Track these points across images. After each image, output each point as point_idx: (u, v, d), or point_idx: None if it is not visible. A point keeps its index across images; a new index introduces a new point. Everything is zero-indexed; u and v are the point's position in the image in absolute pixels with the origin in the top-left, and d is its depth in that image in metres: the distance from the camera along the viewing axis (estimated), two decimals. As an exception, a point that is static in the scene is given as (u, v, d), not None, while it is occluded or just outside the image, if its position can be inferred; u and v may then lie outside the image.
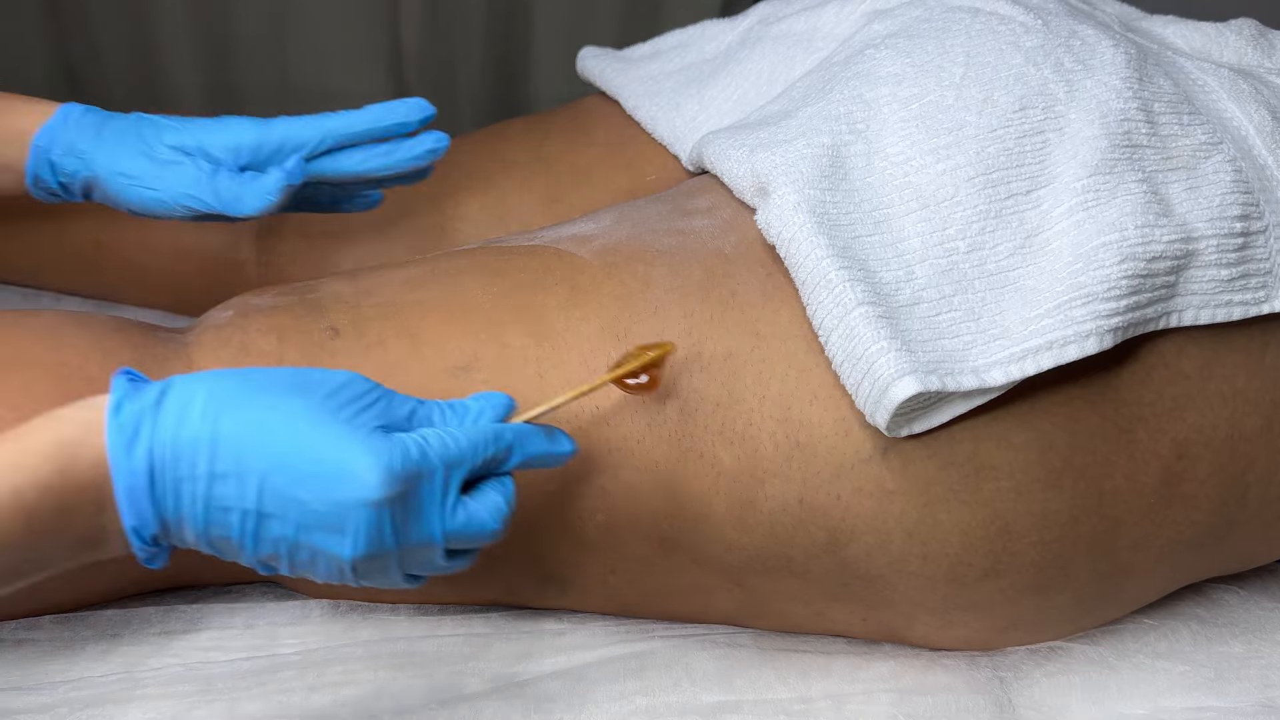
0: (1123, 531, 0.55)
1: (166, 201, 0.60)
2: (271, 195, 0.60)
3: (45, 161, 0.61)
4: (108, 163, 0.60)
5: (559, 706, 0.56)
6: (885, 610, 0.57)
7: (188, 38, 1.06)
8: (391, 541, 0.44)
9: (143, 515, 0.43)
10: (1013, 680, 0.59)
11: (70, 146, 0.60)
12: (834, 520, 0.53)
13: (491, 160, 0.78)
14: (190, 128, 0.61)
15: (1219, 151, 0.57)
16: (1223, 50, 0.69)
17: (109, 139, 0.61)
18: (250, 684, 0.56)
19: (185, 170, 0.60)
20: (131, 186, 0.60)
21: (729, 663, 0.59)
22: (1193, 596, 0.66)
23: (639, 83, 0.78)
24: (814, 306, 0.52)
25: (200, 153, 0.60)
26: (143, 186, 0.60)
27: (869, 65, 0.61)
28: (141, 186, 0.60)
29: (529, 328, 0.57)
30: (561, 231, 0.64)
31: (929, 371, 0.49)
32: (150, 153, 0.60)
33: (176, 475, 0.43)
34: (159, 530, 0.43)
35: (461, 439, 0.46)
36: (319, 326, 0.59)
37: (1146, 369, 0.55)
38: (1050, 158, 0.56)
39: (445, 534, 0.45)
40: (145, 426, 0.43)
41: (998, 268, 0.54)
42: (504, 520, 0.47)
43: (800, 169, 0.56)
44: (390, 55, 1.09)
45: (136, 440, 0.42)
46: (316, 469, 0.43)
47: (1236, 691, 0.59)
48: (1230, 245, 0.55)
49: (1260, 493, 0.58)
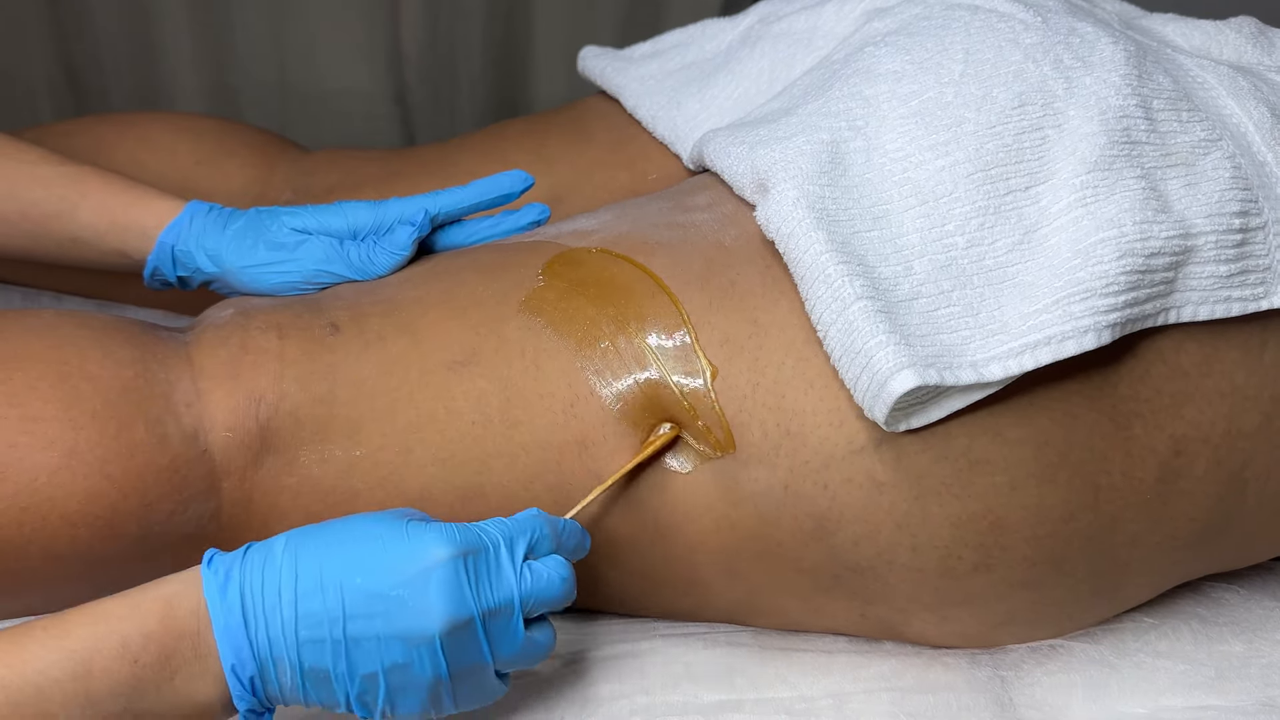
0: (1119, 528, 0.55)
1: (300, 279, 0.63)
2: (405, 249, 0.64)
3: (168, 256, 0.64)
4: (236, 259, 0.63)
5: (560, 705, 0.56)
6: (881, 605, 0.57)
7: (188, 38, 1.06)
8: (472, 603, 0.46)
9: (239, 652, 0.45)
10: (1013, 679, 0.59)
11: (199, 244, 0.64)
12: (820, 508, 0.54)
13: (491, 160, 0.78)
14: (308, 213, 0.65)
15: (1218, 148, 0.57)
16: (1222, 48, 0.69)
17: (233, 235, 0.64)
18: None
19: (315, 247, 0.63)
20: (265, 273, 0.63)
21: (730, 662, 0.59)
22: (1193, 595, 0.66)
23: (639, 82, 0.78)
24: (812, 301, 0.53)
25: (321, 232, 0.64)
26: (276, 271, 0.63)
27: (868, 63, 0.62)
28: (275, 271, 0.63)
29: (527, 320, 0.57)
30: (562, 228, 0.64)
31: (927, 365, 0.49)
32: (275, 239, 0.63)
33: (266, 606, 0.45)
34: (256, 671, 0.45)
35: (508, 522, 0.50)
36: (319, 323, 0.59)
37: (1145, 365, 0.55)
38: (1049, 154, 0.56)
39: (522, 597, 0.48)
40: (235, 570, 0.47)
41: (996, 263, 0.54)
42: (568, 583, 0.50)
43: (800, 165, 0.56)
44: (390, 55, 1.10)
45: (229, 583, 0.46)
46: (389, 556, 0.46)
47: (1237, 691, 0.59)
48: (1229, 241, 0.55)
49: (1258, 490, 0.58)
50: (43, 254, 0.66)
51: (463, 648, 0.47)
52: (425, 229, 0.64)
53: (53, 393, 0.54)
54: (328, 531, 0.48)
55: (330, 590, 0.46)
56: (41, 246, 0.65)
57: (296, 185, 0.81)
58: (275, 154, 0.84)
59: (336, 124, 1.12)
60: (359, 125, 1.13)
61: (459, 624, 0.46)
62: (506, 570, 0.48)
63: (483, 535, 0.48)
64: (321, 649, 0.46)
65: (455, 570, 0.46)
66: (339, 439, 0.57)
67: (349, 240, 0.64)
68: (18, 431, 0.53)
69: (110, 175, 0.66)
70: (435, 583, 0.46)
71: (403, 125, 1.14)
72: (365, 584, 0.46)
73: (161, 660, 0.44)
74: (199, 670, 0.45)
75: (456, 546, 0.47)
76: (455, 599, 0.46)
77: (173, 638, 0.45)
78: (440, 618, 0.46)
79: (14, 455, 0.52)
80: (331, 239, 0.64)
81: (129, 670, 0.44)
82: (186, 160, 0.81)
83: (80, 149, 0.78)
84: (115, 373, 0.55)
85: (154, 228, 0.64)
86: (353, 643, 0.46)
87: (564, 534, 0.52)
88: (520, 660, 0.49)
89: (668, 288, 0.57)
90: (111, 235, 0.64)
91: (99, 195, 0.64)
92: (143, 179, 0.70)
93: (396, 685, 0.47)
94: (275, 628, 0.45)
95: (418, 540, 0.47)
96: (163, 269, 0.65)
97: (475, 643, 0.47)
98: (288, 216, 0.64)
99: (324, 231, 0.64)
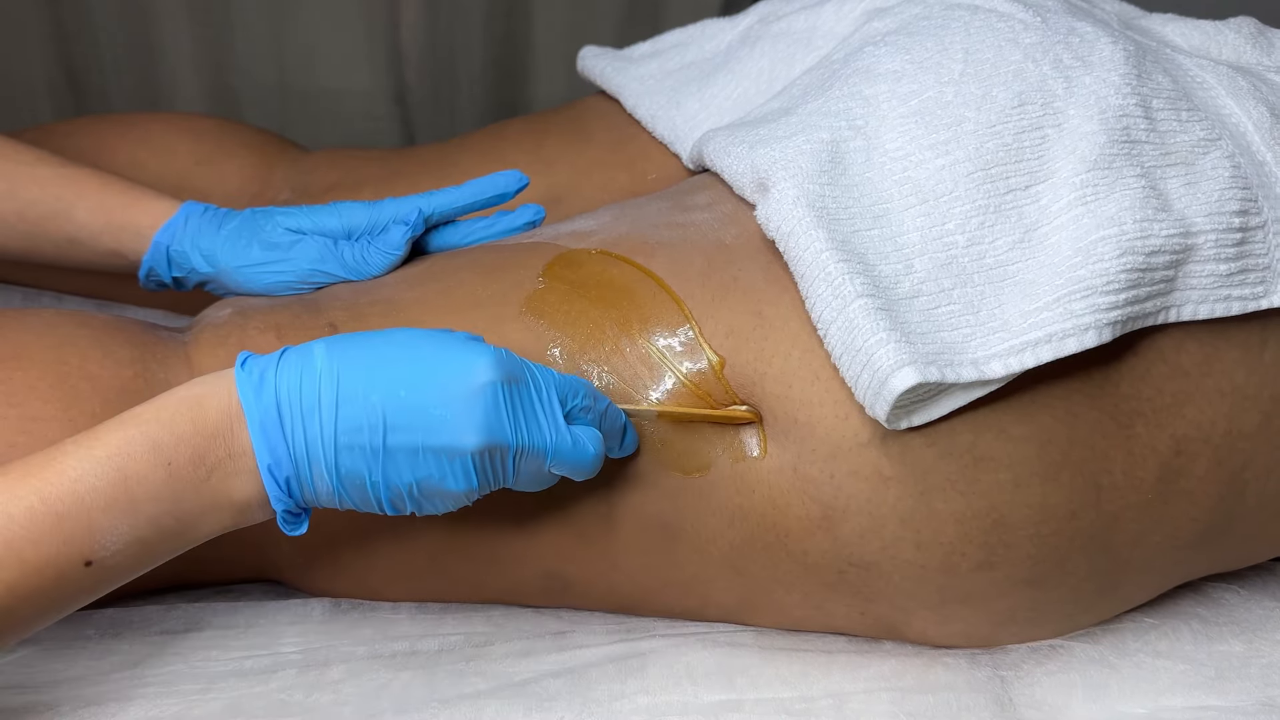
0: (1120, 527, 0.55)
1: (294, 279, 0.63)
2: (399, 249, 0.64)
3: (164, 257, 0.65)
4: (231, 258, 0.63)
5: (560, 705, 0.56)
6: (882, 603, 0.57)
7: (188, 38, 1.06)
8: (510, 435, 0.47)
9: (275, 451, 0.45)
10: (1013, 679, 0.59)
11: (194, 244, 0.64)
12: (827, 495, 0.54)
13: (491, 160, 0.78)
14: (302, 212, 0.65)
15: (1217, 147, 0.57)
16: (1221, 48, 0.70)
17: (228, 235, 0.64)
18: (252, 683, 0.56)
19: (309, 247, 0.63)
20: (259, 273, 0.63)
21: (730, 661, 0.59)
22: (1193, 596, 0.66)
23: (639, 81, 0.78)
24: (813, 299, 0.53)
25: (315, 232, 0.64)
26: (270, 271, 0.63)
27: (868, 62, 0.62)
28: (269, 271, 0.63)
29: (529, 322, 0.57)
30: (561, 229, 0.64)
31: (928, 363, 0.49)
32: (270, 239, 0.64)
33: (304, 408, 0.46)
34: (291, 472, 0.46)
35: (557, 375, 0.50)
36: (317, 324, 0.59)
37: (1146, 364, 0.55)
38: (1049, 153, 0.56)
39: (555, 448, 0.49)
40: (270, 373, 0.46)
41: (996, 261, 0.54)
42: (598, 456, 0.50)
43: (800, 164, 0.56)
44: (390, 55, 1.10)
45: (264, 384, 0.46)
46: (434, 369, 0.46)
47: (1237, 691, 0.59)
48: (1228, 240, 0.55)
49: (1259, 489, 0.58)
50: (40, 255, 0.66)
51: (492, 470, 0.48)
52: (419, 229, 0.64)
53: (52, 393, 0.54)
54: (371, 341, 0.48)
55: (374, 399, 0.46)
56: (39, 247, 0.66)
57: (295, 185, 0.81)
58: (275, 154, 0.84)
59: (336, 124, 1.13)
60: (359, 125, 1.13)
61: (494, 448, 0.47)
62: (544, 416, 0.49)
63: (528, 370, 0.49)
64: (359, 456, 0.46)
65: (496, 396, 0.47)
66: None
67: (343, 240, 0.64)
68: (17, 431, 0.53)
69: (108, 176, 0.66)
70: (479, 406, 0.46)
71: (403, 125, 1.14)
72: (409, 398, 0.46)
73: (195, 461, 0.45)
74: (233, 469, 0.46)
75: (503, 371, 0.47)
76: (494, 424, 0.47)
77: (204, 438, 0.45)
78: (477, 439, 0.46)
79: (13, 455, 0.52)
80: (325, 239, 0.64)
81: (163, 474, 0.44)
82: (186, 160, 0.81)
83: (80, 149, 0.78)
84: (115, 373, 0.55)
85: (149, 228, 0.64)
86: (389, 453, 0.46)
87: (609, 414, 0.52)
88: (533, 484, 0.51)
89: (668, 286, 0.57)
90: (107, 235, 0.65)
91: (96, 196, 0.64)
92: (142, 179, 0.70)
93: (427, 494, 0.48)
94: (314, 430, 0.46)
95: (465, 359, 0.47)
96: (158, 269, 0.65)
97: (504, 469, 0.48)
98: (282, 216, 0.65)
99: (318, 231, 0.64)
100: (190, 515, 0.45)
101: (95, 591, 0.46)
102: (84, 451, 0.44)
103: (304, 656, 0.58)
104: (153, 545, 0.45)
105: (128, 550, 0.45)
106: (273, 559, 0.61)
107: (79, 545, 0.43)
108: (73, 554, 0.43)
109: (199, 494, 0.45)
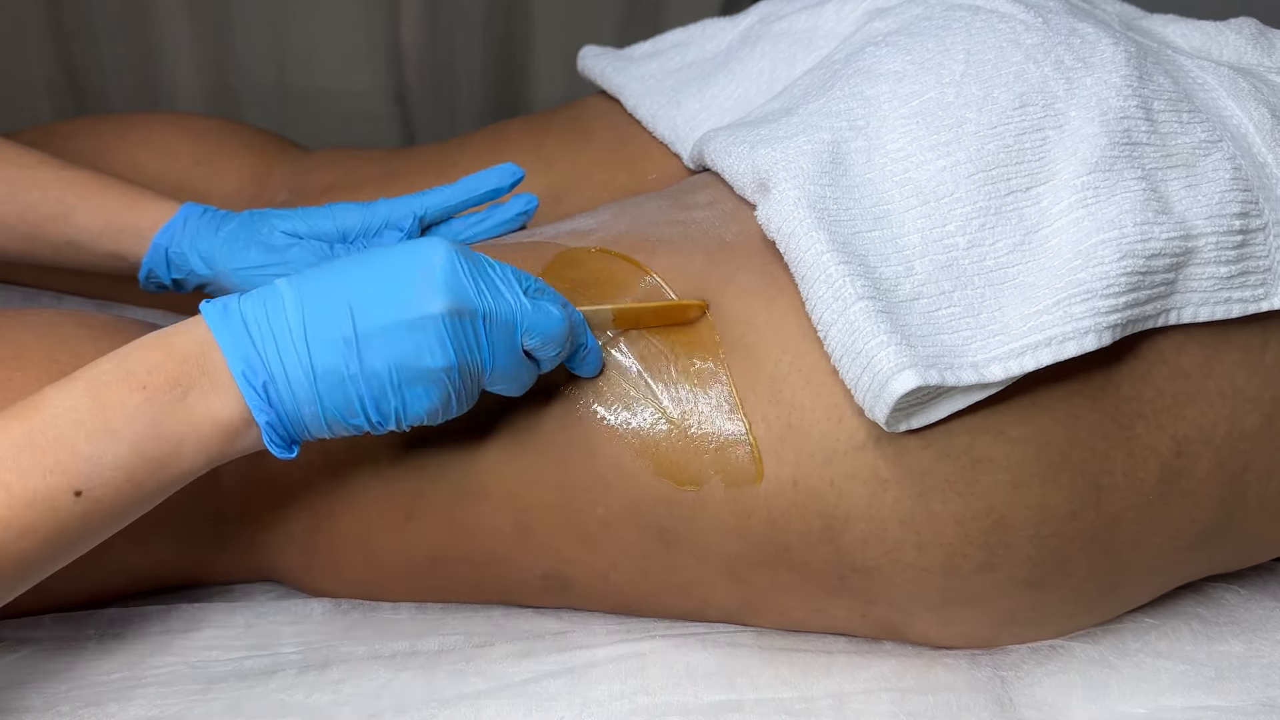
0: (1121, 528, 0.55)
1: None
2: None
3: (163, 259, 0.65)
4: (228, 261, 0.64)
5: (560, 705, 0.56)
6: (884, 605, 0.57)
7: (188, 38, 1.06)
8: (475, 299, 0.48)
9: (248, 359, 0.46)
10: (1014, 679, 0.59)
11: (192, 246, 0.64)
12: (829, 505, 0.53)
13: (491, 160, 0.78)
14: (298, 215, 0.65)
15: (1218, 149, 0.57)
16: (1222, 49, 0.69)
17: (226, 237, 0.64)
18: (251, 683, 0.56)
19: (305, 251, 0.64)
20: (256, 276, 0.63)
21: (730, 662, 0.59)
22: (1193, 596, 0.66)
23: (640, 81, 0.78)
24: (813, 301, 0.52)
25: (312, 235, 0.64)
26: (268, 274, 0.63)
27: (869, 62, 0.62)
28: (266, 274, 0.63)
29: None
30: (561, 227, 0.64)
31: (928, 366, 0.49)
32: (267, 241, 0.64)
33: (271, 316, 0.46)
34: (266, 376, 0.46)
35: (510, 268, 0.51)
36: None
37: (1146, 366, 0.55)
38: (1050, 155, 0.56)
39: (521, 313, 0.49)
40: (233, 303, 0.47)
41: (997, 264, 0.54)
42: (565, 319, 0.51)
43: (801, 165, 0.56)
44: (390, 55, 1.10)
45: (228, 310, 0.47)
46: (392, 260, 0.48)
47: (1237, 691, 0.59)
48: (1229, 243, 0.55)
49: (1260, 490, 0.58)
50: (40, 257, 0.66)
51: (466, 341, 0.48)
52: (414, 232, 0.64)
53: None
54: (331, 265, 0.49)
55: (338, 294, 0.47)
56: (39, 249, 0.66)
57: (294, 185, 0.81)
58: (274, 154, 0.84)
59: (336, 124, 1.13)
60: (359, 125, 1.13)
61: (462, 310, 0.47)
62: (504, 287, 0.49)
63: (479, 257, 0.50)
64: (332, 348, 0.46)
65: (455, 265, 0.48)
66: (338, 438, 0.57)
67: (338, 243, 0.64)
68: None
69: (108, 178, 0.66)
70: (440, 274, 0.47)
71: (403, 125, 1.14)
72: (372, 286, 0.47)
73: (170, 383, 0.45)
74: (209, 386, 0.46)
75: (456, 246, 0.48)
76: (457, 287, 0.47)
77: (177, 362, 0.46)
78: (444, 300, 0.47)
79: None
80: (321, 243, 0.64)
81: (140, 397, 0.44)
82: (186, 161, 0.81)
83: (81, 150, 0.78)
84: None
85: (149, 229, 0.64)
86: (362, 339, 0.46)
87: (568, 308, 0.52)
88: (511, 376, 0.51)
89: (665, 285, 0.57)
90: (107, 237, 0.65)
91: (96, 198, 0.64)
92: (142, 179, 0.70)
93: (408, 379, 0.47)
94: (281, 329, 0.46)
95: (419, 246, 0.48)
96: (157, 271, 0.65)
97: (477, 340, 0.48)
98: (278, 219, 0.64)
99: (313, 235, 0.64)
100: (173, 438, 0.45)
101: (94, 528, 0.45)
102: (62, 389, 0.45)
103: (304, 656, 0.58)
104: (140, 473, 0.45)
105: (115, 479, 0.44)
106: (273, 559, 0.61)
107: (65, 474, 0.43)
108: (60, 484, 0.43)
109: (177, 414, 0.45)
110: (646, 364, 0.56)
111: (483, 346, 0.49)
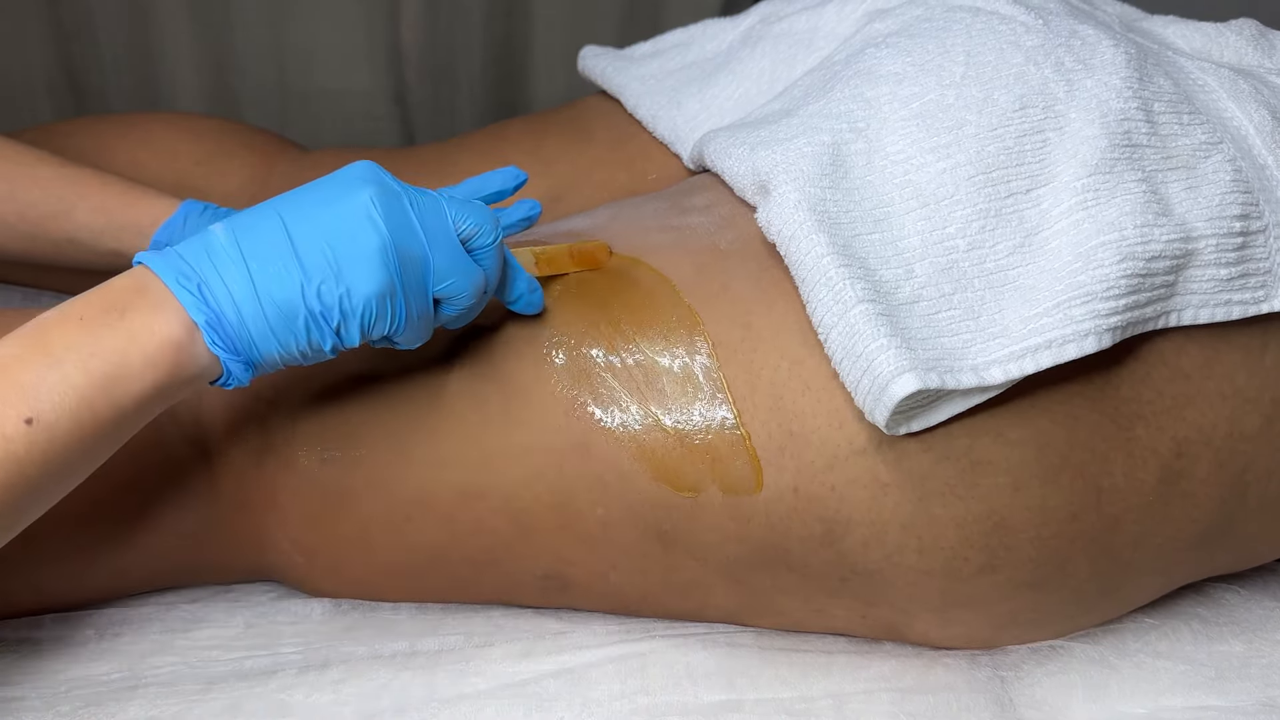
0: (1121, 529, 0.55)
1: None
2: None
3: None
4: None
5: (560, 705, 0.56)
6: (884, 607, 0.57)
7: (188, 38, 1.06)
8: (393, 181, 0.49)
9: (181, 270, 0.46)
10: (1013, 679, 0.59)
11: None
12: (830, 511, 0.53)
13: (491, 160, 0.78)
14: None
15: (1218, 151, 0.57)
16: (1223, 50, 0.69)
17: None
18: (251, 683, 0.56)
19: None
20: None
21: (730, 662, 0.59)
22: (1194, 596, 0.66)
23: (640, 81, 0.78)
24: (814, 304, 0.52)
25: None
26: None
27: (870, 64, 0.62)
28: None
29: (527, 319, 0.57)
30: (558, 228, 0.64)
31: (929, 369, 0.49)
32: None
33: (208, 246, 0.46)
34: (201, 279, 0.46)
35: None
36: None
37: (1147, 367, 0.55)
38: (1050, 157, 0.56)
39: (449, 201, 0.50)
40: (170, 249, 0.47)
41: (997, 266, 0.54)
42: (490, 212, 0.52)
43: (801, 167, 0.56)
44: (390, 55, 1.09)
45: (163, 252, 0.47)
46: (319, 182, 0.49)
47: (1237, 691, 0.59)
48: (1229, 245, 0.55)
49: (1260, 492, 0.58)
50: (40, 255, 0.66)
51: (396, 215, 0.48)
52: None
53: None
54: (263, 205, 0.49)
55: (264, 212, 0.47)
56: (39, 248, 0.66)
57: (294, 185, 0.81)
58: (274, 154, 0.84)
59: (336, 124, 1.12)
60: (359, 125, 1.13)
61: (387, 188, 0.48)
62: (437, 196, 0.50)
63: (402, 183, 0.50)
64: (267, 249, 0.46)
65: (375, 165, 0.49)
66: (338, 439, 0.57)
67: None
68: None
69: (108, 176, 0.66)
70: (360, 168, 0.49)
71: (403, 125, 1.14)
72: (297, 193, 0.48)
73: (106, 308, 0.45)
74: (146, 304, 0.45)
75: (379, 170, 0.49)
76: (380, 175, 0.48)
77: (114, 293, 0.46)
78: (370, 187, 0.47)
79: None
80: None
81: (76, 325, 0.45)
82: (186, 160, 0.81)
83: (81, 149, 0.78)
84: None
85: (149, 226, 0.64)
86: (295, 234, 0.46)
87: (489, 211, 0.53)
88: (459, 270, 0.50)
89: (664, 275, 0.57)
90: (108, 235, 0.65)
91: (97, 196, 0.64)
92: (142, 179, 0.70)
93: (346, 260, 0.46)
94: (215, 246, 0.46)
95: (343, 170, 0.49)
96: None
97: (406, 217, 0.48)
98: None
99: None
100: (116, 355, 0.45)
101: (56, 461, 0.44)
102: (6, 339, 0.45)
103: (304, 656, 0.58)
104: (90, 395, 0.44)
105: (66, 402, 0.43)
106: (273, 559, 0.61)
107: (10, 404, 0.43)
108: (8, 413, 0.43)
109: (116, 331, 0.45)
110: (643, 370, 0.56)
111: (414, 227, 0.48)
